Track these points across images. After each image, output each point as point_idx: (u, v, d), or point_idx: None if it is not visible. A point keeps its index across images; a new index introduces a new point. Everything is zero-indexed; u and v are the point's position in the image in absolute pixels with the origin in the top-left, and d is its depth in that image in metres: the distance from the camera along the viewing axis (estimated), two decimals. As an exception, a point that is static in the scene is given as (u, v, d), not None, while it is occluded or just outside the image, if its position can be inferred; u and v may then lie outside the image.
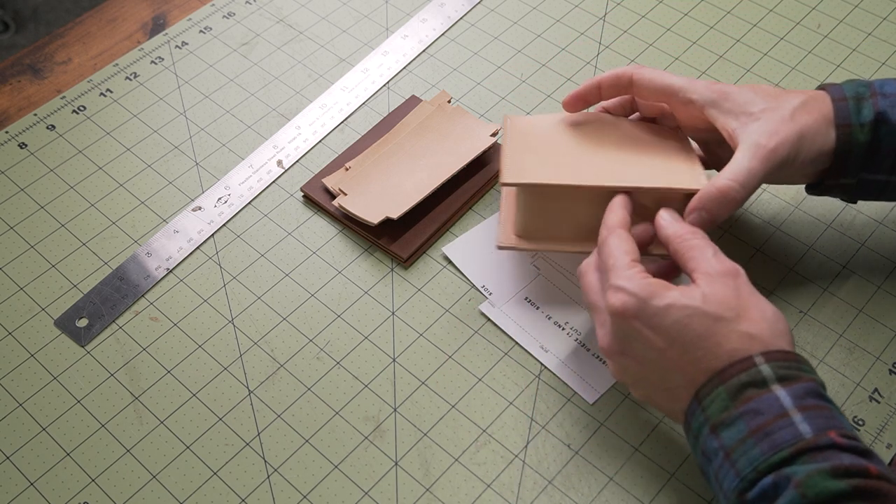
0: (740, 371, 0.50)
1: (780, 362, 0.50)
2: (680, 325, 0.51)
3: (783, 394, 0.49)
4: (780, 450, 0.47)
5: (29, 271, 0.70)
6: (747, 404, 0.49)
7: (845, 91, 0.60)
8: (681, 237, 0.56)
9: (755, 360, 0.50)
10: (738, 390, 0.49)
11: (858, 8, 0.87)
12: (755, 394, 0.49)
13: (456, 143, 0.74)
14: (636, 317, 0.52)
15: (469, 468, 0.60)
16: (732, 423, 0.49)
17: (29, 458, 0.61)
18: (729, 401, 0.49)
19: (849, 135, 0.59)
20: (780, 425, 0.48)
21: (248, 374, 0.65)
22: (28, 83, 0.83)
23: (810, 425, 0.47)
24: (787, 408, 0.48)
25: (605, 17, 0.87)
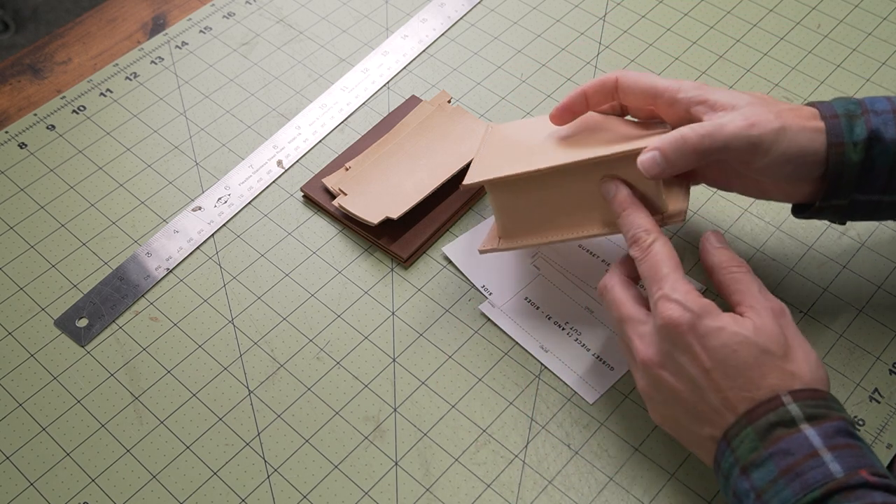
0: (768, 411, 0.49)
1: (808, 401, 0.50)
2: (728, 349, 0.51)
3: (812, 433, 0.48)
4: (811, 490, 0.46)
5: (29, 271, 0.70)
6: (777, 444, 0.48)
7: (836, 108, 0.58)
8: (727, 268, 0.56)
9: (783, 399, 0.49)
10: (766, 430, 0.49)
11: (858, 8, 0.87)
12: (784, 433, 0.48)
13: (456, 143, 0.74)
14: (690, 331, 0.52)
15: (469, 468, 0.60)
16: (762, 463, 0.48)
17: (29, 458, 0.61)
18: (758, 441, 0.49)
19: (842, 154, 0.57)
20: (811, 465, 0.47)
21: (248, 374, 0.65)
22: (28, 83, 0.83)
23: (841, 464, 0.47)
24: (817, 447, 0.48)
25: (605, 17, 0.87)
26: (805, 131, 0.57)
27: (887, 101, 0.58)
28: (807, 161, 0.58)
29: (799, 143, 0.57)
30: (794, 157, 0.57)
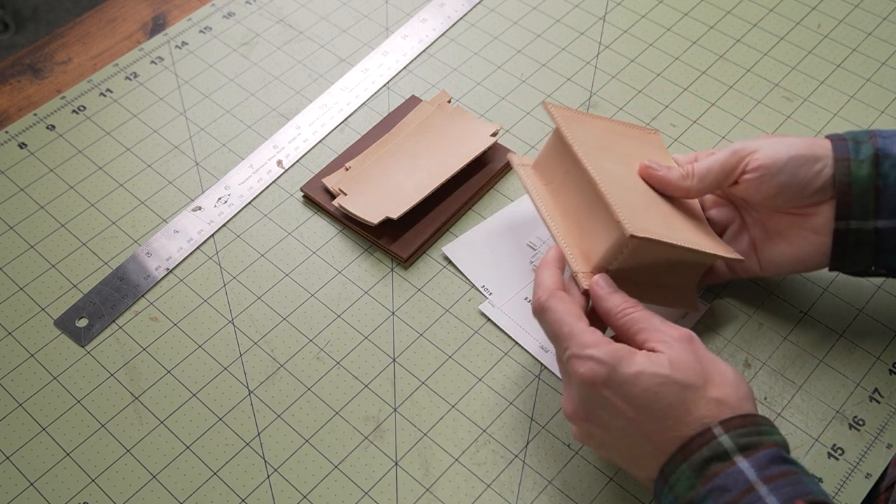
0: (701, 445, 0.49)
1: (739, 430, 0.49)
2: (650, 394, 0.50)
3: (746, 465, 0.48)
4: None
5: (29, 271, 0.70)
6: (713, 481, 0.48)
7: (844, 135, 0.60)
8: (622, 311, 0.55)
9: (714, 431, 0.49)
10: (701, 466, 0.49)
11: (858, 8, 0.87)
12: (720, 468, 0.48)
13: (456, 143, 0.74)
14: (605, 385, 0.51)
15: (469, 468, 0.60)
16: (701, 502, 0.48)
17: (29, 458, 0.61)
18: (694, 479, 0.49)
19: (847, 167, 0.58)
20: (748, 501, 0.47)
21: (248, 374, 0.65)
22: (28, 83, 0.83)
23: (777, 497, 0.47)
24: (752, 481, 0.47)
25: (605, 17, 0.87)
26: (816, 153, 0.59)
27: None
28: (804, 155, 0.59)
29: (813, 166, 0.59)
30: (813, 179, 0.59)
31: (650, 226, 0.57)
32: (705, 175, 0.61)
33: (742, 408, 0.51)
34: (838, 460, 0.60)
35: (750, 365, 0.65)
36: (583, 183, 0.60)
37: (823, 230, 0.60)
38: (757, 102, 0.80)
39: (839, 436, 0.61)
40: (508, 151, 0.65)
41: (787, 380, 0.64)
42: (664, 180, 0.62)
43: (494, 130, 0.75)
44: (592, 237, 0.59)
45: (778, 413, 0.62)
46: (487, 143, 0.74)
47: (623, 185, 0.60)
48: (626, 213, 0.57)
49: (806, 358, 0.65)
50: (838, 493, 0.59)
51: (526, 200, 0.73)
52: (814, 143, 0.60)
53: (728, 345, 0.66)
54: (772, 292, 0.68)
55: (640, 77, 0.82)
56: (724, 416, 0.50)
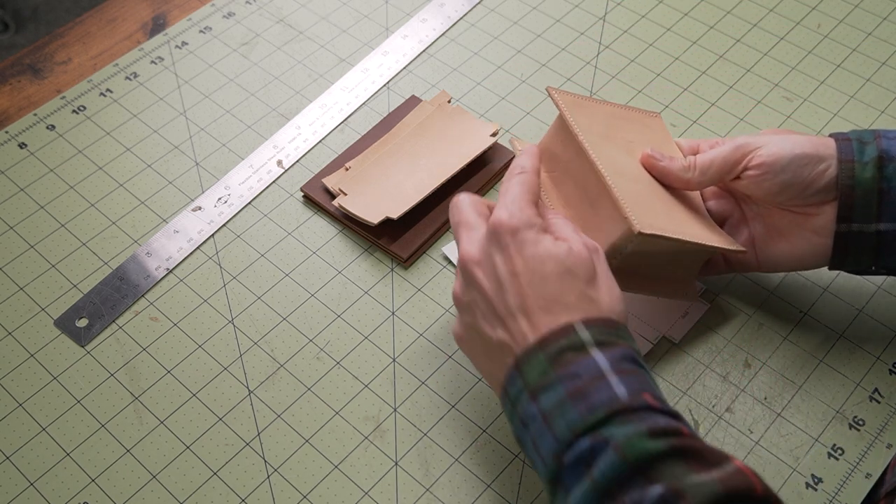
0: (560, 337, 0.50)
1: (599, 327, 0.51)
2: (538, 260, 0.52)
3: (601, 357, 0.49)
4: (595, 410, 0.47)
5: (29, 271, 0.70)
6: (566, 368, 0.49)
7: (849, 135, 0.60)
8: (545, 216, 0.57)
9: (575, 326, 0.51)
10: (557, 354, 0.50)
11: (858, 8, 0.87)
12: (574, 357, 0.50)
13: (456, 143, 0.74)
14: (511, 234, 0.53)
15: (469, 468, 0.60)
16: (551, 386, 0.49)
17: (29, 458, 0.61)
18: (548, 365, 0.50)
19: (851, 169, 0.58)
20: (598, 388, 0.48)
21: (248, 374, 0.65)
22: (28, 83, 0.83)
23: (626, 387, 0.48)
24: (605, 370, 0.49)
25: (605, 17, 0.87)
26: (819, 152, 0.59)
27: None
28: (808, 154, 0.59)
29: (817, 165, 0.59)
30: (817, 178, 0.59)
31: (656, 220, 0.58)
32: (707, 168, 0.62)
33: (609, 316, 0.52)
34: (838, 460, 0.60)
35: (750, 365, 0.65)
36: (587, 173, 0.60)
37: (824, 231, 0.60)
38: (757, 102, 0.80)
39: (839, 436, 0.61)
40: (511, 137, 0.65)
41: (787, 380, 0.64)
42: (666, 171, 0.62)
43: (494, 130, 0.75)
44: (597, 230, 0.59)
45: (778, 413, 0.62)
46: (487, 143, 0.74)
47: (627, 175, 0.60)
48: (632, 207, 0.57)
49: (806, 358, 0.65)
50: (838, 493, 0.59)
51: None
52: (818, 142, 0.60)
53: (728, 345, 0.66)
54: (772, 292, 0.68)
55: (640, 77, 0.82)
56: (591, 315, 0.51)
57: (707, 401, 0.63)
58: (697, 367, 0.65)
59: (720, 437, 0.61)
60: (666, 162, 0.62)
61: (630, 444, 0.46)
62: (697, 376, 0.64)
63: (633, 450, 0.45)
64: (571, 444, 0.47)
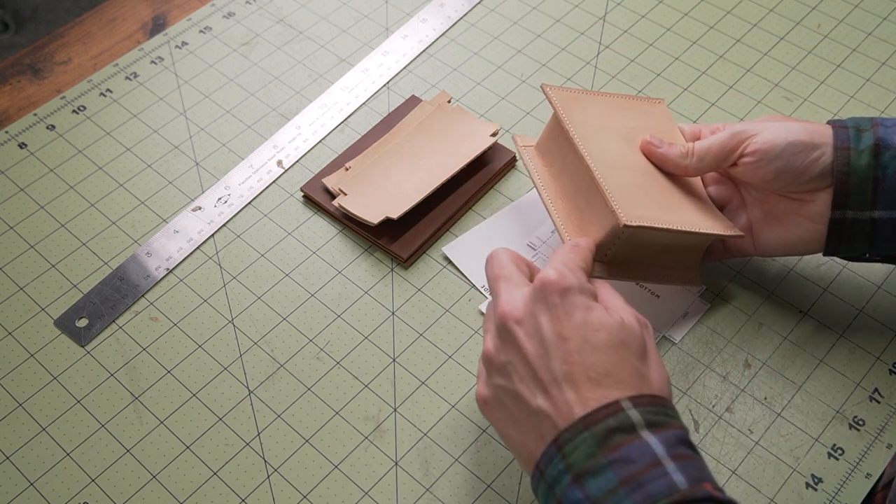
0: (607, 416, 0.46)
1: (648, 407, 0.47)
2: (591, 328, 0.49)
3: (654, 441, 0.46)
4: (655, 501, 0.44)
5: (29, 271, 0.70)
6: (617, 451, 0.45)
7: (846, 122, 0.60)
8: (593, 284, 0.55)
9: (622, 404, 0.47)
10: (605, 436, 0.46)
11: (858, 8, 0.87)
12: (624, 440, 0.46)
13: (456, 143, 0.74)
14: (562, 294, 0.50)
15: (469, 468, 0.60)
16: (600, 471, 0.45)
17: (29, 458, 0.61)
18: (595, 447, 0.46)
19: (847, 157, 0.58)
20: (654, 475, 0.45)
21: (248, 374, 0.65)
22: (28, 83, 0.83)
23: (684, 476, 0.45)
24: (660, 456, 0.45)
25: (605, 17, 0.87)
26: (799, 121, 0.60)
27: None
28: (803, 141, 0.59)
29: (812, 152, 0.59)
30: (811, 165, 0.59)
31: (646, 211, 0.58)
32: (704, 155, 0.62)
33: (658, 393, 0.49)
34: (838, 460, 0.60)
35: (750, 365, 0.65)
36: (580, 167, 0.61)
37: (819, 218, 0.60)
38: (757, 102, 0.80)
39: (839, 436, 0.61)
40: (514, 134, 0.65)
41: (787, 380, 0.64)
42: (664, 157, 0.63)
43: (494, 130, 0.75)
44: (591, 223, 0.60)
45: (778, 413, 0.62)
46: (487, 143, 0.74)
47: (622, 165, 0.61)
48: (620, 200, 0.58)
49: (806, 358, 0.65)
50: (838, 493, 0.59)
51: (526, 201, 0.73)
52: (814, 129, 0.60)
53: (728, 345, 0.66)
54: (772, 292, 0.68)
55: (640, 77, 0.82)
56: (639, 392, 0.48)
57: (707, 401, 0.63)
58: (697, 367, 0.65)
59: (720, 437, 0.61)
60: (664, 148, 0.63)
61: None
62: (697, 376, 0.64)
63: None
64: None
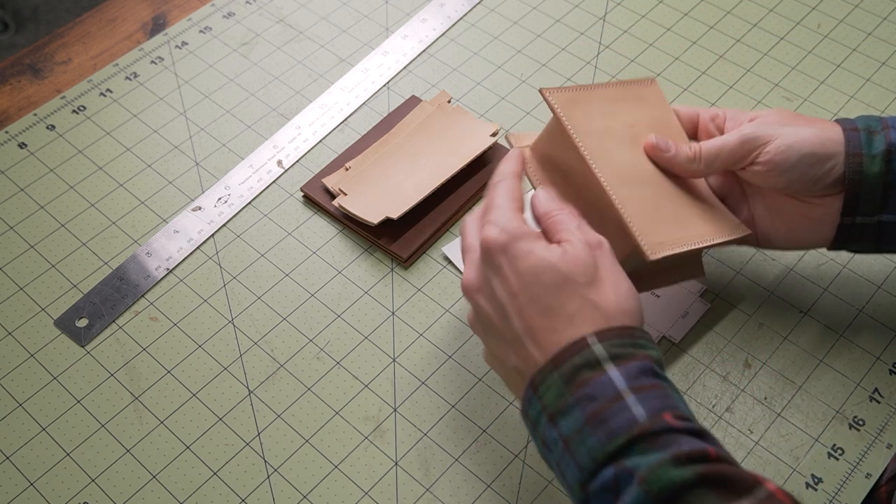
0: (574, 353, 0.48)
1: (614, 340, 0.49)
2: (533, 273, 0.50)
3: (616, 374, 0.47)
4: (615, 437, 0.46)
5: (29, 271, 0.70)
6: (582, 389, 0.47)
7: (857, 123, 0.59)
8: (549, 213, 0.55)
9: (588, 340, 0.48)
10: (572, 374, 0.48)
11: (858, 8, 0.87)
12: (589, 376, 0.48)
13: (456, 143, 0.74)
14: (502, 252, 0.52)
15: (469, 468, 0.60)
16: (569, 410, 0.48)
17: (29, 458, 0.61)
18: (564, 387, 0.48)
19: (860, 164, 0.58)
20: (615, 410, 0.46)
21: (248, 374, 0.65)
22: (28, 83, 0.83)
23: (644, 407, 0.46)
24: (621, 390, 0.47)
25: (605, 17, 0.87)
26: (812, 127, 0.59)
27: None
28: (817, 153, 0.58)
29: (802, 136, 0.58)
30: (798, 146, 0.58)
31: (664, 235, 0.58)
32: (713, 160, 0.61)
33: (621, 320, 0.50)
34: (838, 460, 0.60)
35: (750, 365, 0.65)
36: (591, 184, 0.59)
37: (826, 220, 0.60)
38: (757, 102, 0.80)
39: (839, 436, 0.61)
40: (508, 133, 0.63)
41: (787, 380, 0.64)
42: (671, 163, 0.61)
43: (494, 130, 0.75)
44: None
45: (778, 413, 0.62)
46: (487, 143, 0.74)
47: (632, 179, 0.60)
48: (639, 226, 0.57)
49: (806, 358, 0.65)
50: (838, 493, 0.59)
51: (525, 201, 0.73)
52: (826, 138, 0.59)
53: (728, 345, 0.66)
54: (772, 292, 0.68)
55: (640, 77, 0.82)
56: (599, 324, 0.49)
57: (707, 401, 0.63)
58: (697, 367, 0.65)
59: (720, 437, 0.61)
60: (671, 153, 0.61)
61: (654, 476, 0.44)
62: (697, 376, 0.64)
63: (658, 482, 0.44)
64: (595, 474, 0.46)
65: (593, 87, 0.64)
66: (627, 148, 0.62)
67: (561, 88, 0.62)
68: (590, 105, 0.63)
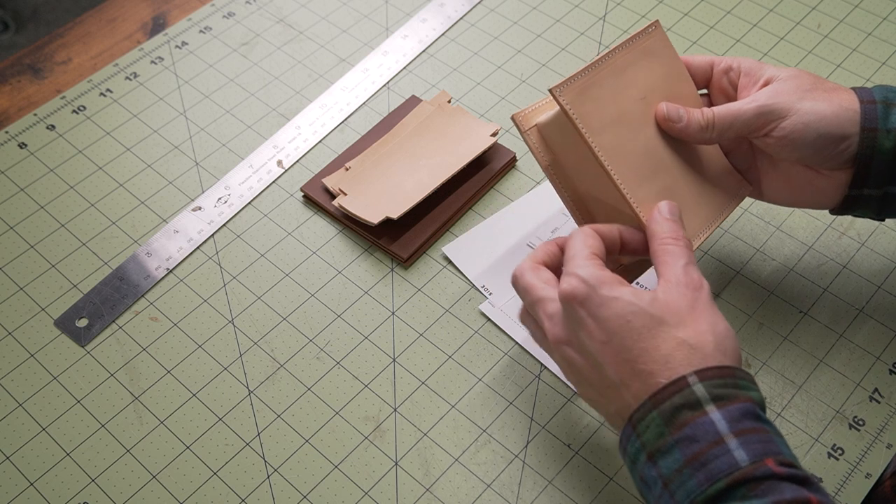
0: (674, 393, 0.48)
1: (714, 381, 0.48)
2: (621, 320, 0.50)
3: (718, 417, 0.47)
4: (716, 481, 0.45)
5: (29, 271, 0.70)
6: (682, 430, 0.47)
7: (874, 94, 0.58)
8: (662, 239, 0.54)
9: (688, 379, 0.48)
10: (672, 414, 0.47)
11: (858, 8, 0.87)
12: (690, 417, 0.47)
13: (456, 143, 0.74)
14: (583, 303, 0.51)
15: (469, 468, 0.60)
16: (668, 451, 0.47)
17: (29, 458, 0.61)
18: (664, 426, 0.48)
19: (874, 139, 0.57)
20: (716, 453, 0.46)
21: (248, 374, 0.65)
22: (28, 83, 0.83)
23: (746, 452, 0.46)
24: (723, 433, 0.46)
25: (605, 17, 0.87)
26: (830, 103, 0.57)
27: None
28: (833, 134, 0.57)
29: (820, 113, 0.57)
30: (815, 125, 0.57)
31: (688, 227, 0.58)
32: (725, 129, 0.59)
33: (720, 360, 0.49)
34: (838, 460, 0.60)
35: (750, 365, 0.65)
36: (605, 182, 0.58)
37: (833, 190, 0.60)
38: (757, 102, 0.80)
39: (839, 436, 0.61)
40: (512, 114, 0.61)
41: (787, 380, 0.64)
42: (683, 132, 0.60)
43: (494, 130, 0.75)
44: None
45: (778, 413, 0.62)
46: (487, 143, 0.74)
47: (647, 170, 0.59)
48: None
49: (806, 358, 0.65)
50: (838, 493, 0.59)
51: (526, 201, 0.73)
52: (844, 116, 0.57)
53: (728, 345, 0.66)
54: (772, 292, 0.68)
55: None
56: (696, 364, 0.48)
57: (707, 401, 0.63)
58: (697, 367, 0.65)
59: (720, 437, 0.61)
60: (682, 124, 0.59)
61: None
62: (697, 376, 0.64)
63: None
64: None
65: (601, 63, 0.60)
66: (640, 129, 0.60)
67: (570, 80, 0.58)
68: (601, 89, 0.59)
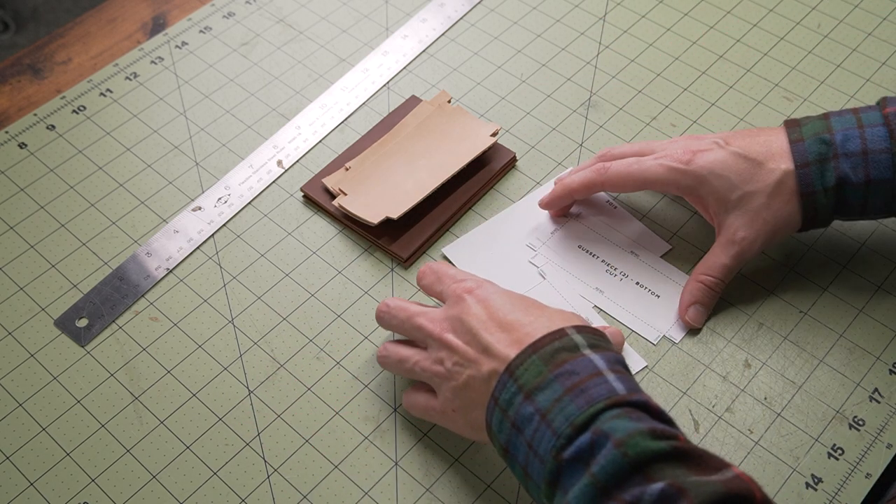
0: (553, 339, 0.52)
1: (589, 335, 0.53)
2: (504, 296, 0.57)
3: (596, 357, 0.51)
4: (595, 402, 0.48)
5: (29, 271, 0.70)
6: (562, 367, 0.51)
7: (808, 152, 0.63)
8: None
9: (566, 330, 0.53)
10: (551, 355, 0.51)
11: (858, 8, 0.87)
12: (569, 357, 0.51)
13: (456, 143, 0.74)
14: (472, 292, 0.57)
15: (469, 468, 0.60)
16: (547, 385, 0.50)
17: (29, 458, 0.61)
18: (543, 366, 0.51)
19: (813, 202, 0.63)
20: (595, 382, 0.50)
21: (248, 374, 0.65)
22: (28, 83, 0.83)
23: (623, 385, 0.50)
24: (601, 368, 0.50)
25: (605, 17, 0.87)
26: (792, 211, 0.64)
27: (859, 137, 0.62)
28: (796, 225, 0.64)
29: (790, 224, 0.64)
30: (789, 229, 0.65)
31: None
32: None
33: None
34: (838, 460, 0.60)
35: (750, 365, 0.65)
36: None
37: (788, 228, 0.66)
38: (757, 102, 0.80)
39: (839, 436, 0.61)
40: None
41: (787, 380, 0.64)
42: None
43: (494, 130, 0.75)
44: None
45: (778, 413, 0.62)
46: (487, 143, 0.74)
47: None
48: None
49: (806, 358, 0.65)
50: (838, 493, 0.59)
51: (526, 201, 0.73)
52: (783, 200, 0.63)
53: (728, 345, 0.66)
54: (771, 292, 0.68)
55: (640, 77, 0.82)
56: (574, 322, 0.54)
57: (707, 401, 0.63)
58: (697, 367, 0.65)
59: (720, 437, 0.61)
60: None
61: (632, 441, 0.46)
62: (697, 376, 0.64)
63: (635, 447, 0.46)
64: (571, 440, 0.48)
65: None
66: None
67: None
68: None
